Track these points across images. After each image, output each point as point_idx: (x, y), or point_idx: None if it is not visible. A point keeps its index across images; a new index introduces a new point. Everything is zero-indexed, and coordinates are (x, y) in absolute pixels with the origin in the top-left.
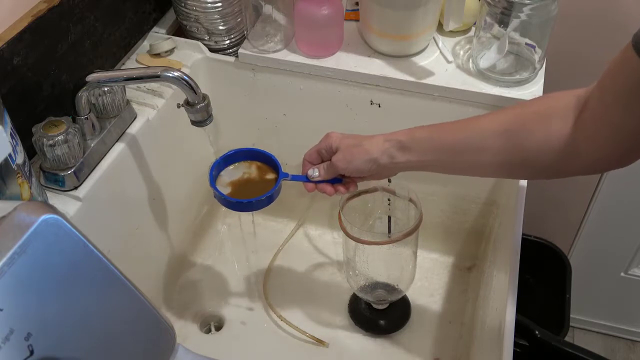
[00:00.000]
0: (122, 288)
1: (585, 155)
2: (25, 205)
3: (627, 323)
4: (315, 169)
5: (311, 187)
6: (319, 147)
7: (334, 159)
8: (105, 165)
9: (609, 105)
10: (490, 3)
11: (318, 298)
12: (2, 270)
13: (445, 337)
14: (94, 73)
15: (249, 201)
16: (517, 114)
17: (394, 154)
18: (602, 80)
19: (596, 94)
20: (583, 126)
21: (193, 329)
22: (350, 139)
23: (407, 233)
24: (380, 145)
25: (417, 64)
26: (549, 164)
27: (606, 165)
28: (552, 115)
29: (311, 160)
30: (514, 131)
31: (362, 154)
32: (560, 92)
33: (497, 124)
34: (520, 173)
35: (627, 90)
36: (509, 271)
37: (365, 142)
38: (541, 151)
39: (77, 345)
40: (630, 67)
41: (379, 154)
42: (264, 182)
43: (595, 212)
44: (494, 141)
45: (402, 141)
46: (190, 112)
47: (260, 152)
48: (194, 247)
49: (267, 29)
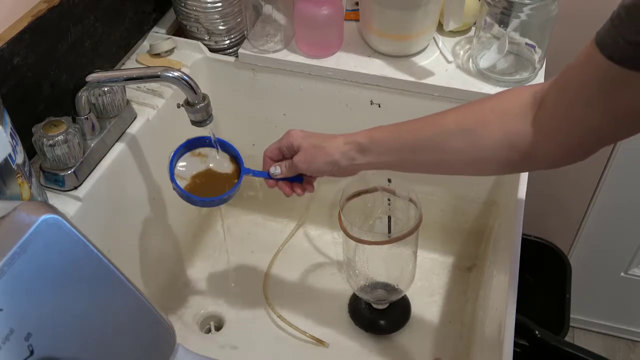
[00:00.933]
0: (122, 288)
1: (545, 151)
2: (25, 205)
3: (627, 323)
4: (277, 166)
5: (272, 183)
6: (280, 144)
7: (295, 160)
8: (105, 165)
9: (570, 101)
10: (490, 3)
11: (318, 298)
12: (2, 270)
13: (445, 337)
14: (94, 73)
15: (211, 199)
16: (475, 111)
17: (354, 155)
18: (561, 77)
19: (554, 91)
20: (541, 124)
21: (193, 329)
22: (311, 139)
23: (407, 233)
24: (341, 148)
25: (417, 64)
26: (510, 161)
27: (568, 159)
28: (509, 113)
29: (272, 157)
30: (472, 130)
31: (323, 156)
32: (517, 89)
33: (455, 123)
34: (484, 169)
35: (590, 86)
36: (509, 271)
37: (326, 143)
38: (501, 149)
39: (77, 345)
40: (593, 63)
41: (339, 156)
42: (225, 176)
43: (595, 212)
44: (454, 141)
45: (362, 143)
46: (190, 112)
47: (222, 143)
48: (194, 247)
49: (267, 29)
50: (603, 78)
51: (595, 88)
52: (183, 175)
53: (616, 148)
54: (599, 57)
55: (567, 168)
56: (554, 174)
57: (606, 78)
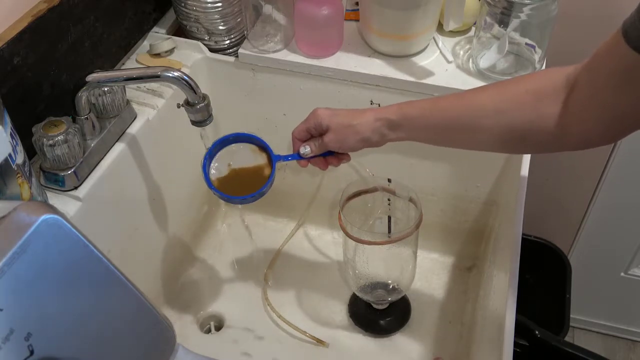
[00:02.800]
0: (122, 288)
1: (576, 133)
2: (25, 205)
3: (627, 323)
4: (307, 146)
5: (304, 163)
6: (307, 125)
7: (326, 139)
8: (105, 165)
9: (599, 87)
10: (490, 3)
11: (318, 298)
12: (2, 270)
13: (445, 337)
14: (94, 73)
15: (252, 195)
16: (509, 92)
17: (385, 132)
18: (591, 62)
19: (585, 75)
20: (573, 106)
21: (193, 329)
22: (340, 117)
23: (407, 233)
24: (371, 124)
25: (417, 64)
26: (541, 141)
27: (596, 142)
28: (543, 95)
29: (300, 138)
30: (505, 111)
31: (354, 135)
32: (551, 70)
33: (489, 103)
34: (515, 148)
35: (617, 74)
36: (509, 271)
37: (356, 121)
38: (533, 130)
39: (77, 345)
40: (619, 53)
41: (370, 132)
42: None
43: (595, 212)
44: (486, 121)
45: (393, 120)
46: (190, 112)
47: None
48: (194, 247)
49: (267, 29)
50: (629, 68)
51: (622, 76)
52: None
53: (616, 148)
54: (624, 47)
55: (567, 168)
56: (554, 174)
57: (632, 68)
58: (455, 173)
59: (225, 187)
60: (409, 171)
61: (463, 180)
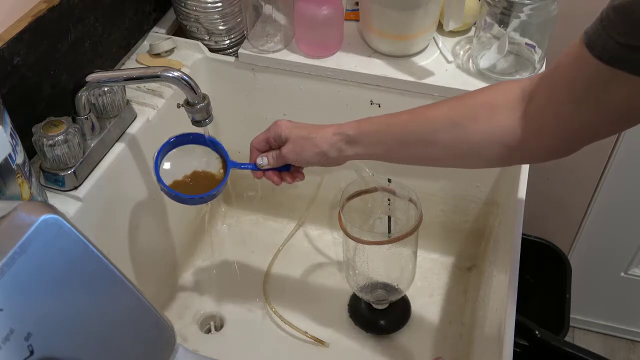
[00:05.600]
0: (122, 288)
1: (532, 146)
2: (25, 205)
3: (627, 323)
4: (264, 157)
5: (259, 174)
6: (267, 135)
7: (284, 151)
8: (105, 165)
9: (559, 99)
10: (490, 3)
11: (318, 298)
12: (2, 270)
13: (445, 337)
14: (94, 73)
15: (200, 196)
16: (464, 105)
17: (343, 147)
18: (550, 74)
19: (543, 87)
20: (530, 119)
21: (193, 329)
22: (299, 130)
23: (407, 233)
24: (329, 139)
25: (417, 64)
26: (496, 155)
27: (554, 154)
28: (498, 108)
29: (259, 148)
30: (461, 124)
31: (312, 147)
32: (505, 83)
33: (444, 117)
34: (471, 163)
35: (579, 85)
36: (509, 271)
37: (315, 134)
38: (488, 143)
39: (77, 345)
40: (582, 64)
41: (328, 147)
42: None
43: (595, 212)
44: (443, 135)
45: (350, 135)
46: (190, 112)
47: (205, 139)
48: (194, 247)
49: (267, 29)
50: (592, 78)
51: (584, 87)
52: (172, 174)
53: (616, 148)
54: (588, 56)
55: (567, 168)
56: (554, 174)
57: (595, 78)
58: (455, 173)
59: (176, 186)
60: (409, 171)
61: (463, 180)
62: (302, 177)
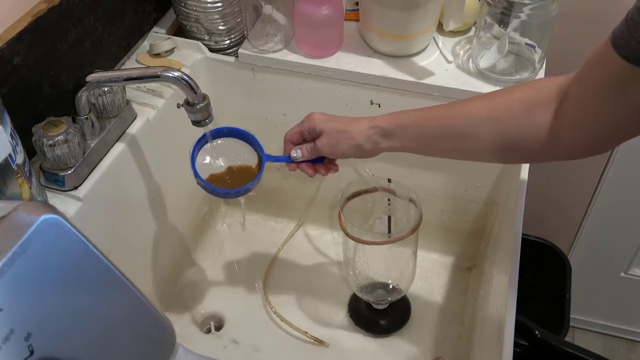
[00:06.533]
0: (122, 288)
1: (567, 143)
2: (25, 205)
3: (627, 323)
4: (298, 149)
5: (293, 167)
6: (301, 128)
7: (319, 143)
8: (105, 165)
9: (589, 97)
10: (490, 3)
11: (318, 298)
12: (2, 270)
13: (445, 337)
14: (94, 73)
15: (236, 190)
16: (502, 101)
17: (378, 140)
18: (581, 72)
19: (576, 85)
20: (564, 116)
21: (193, 329)
22: (334, 123)
23: (407, 233)
24: (365, 132)
25: (417, 64)
26: (533, 150)
27: (587, 152)
28: (535, 104)
29: (293, 141)
30: (498, 119)
31: (347, 140)
32: (543, 80)
33: (482, 111)
34: (507, 158)
35: (607, 84)
36: (509, 271)
37: (350, 127)
38: (525, 139)
39: (77, 345)
40: (609, 63)
41: (363, 140)
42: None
43: (595, 212)
44: (478, 129)
45: (386, 128)
46: (190, 112)
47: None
48: (194, 247)
49: (267, 29)
50: (618, 76)
51: (611, 85)
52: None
53: (616, 148)
54: (614, 55)
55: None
56: (554, 174)
57: (621, 76)
58: (456, 173)
59: (211, 180)
60: (409, 171)
61: (463, 180)
62: (336, 168)
